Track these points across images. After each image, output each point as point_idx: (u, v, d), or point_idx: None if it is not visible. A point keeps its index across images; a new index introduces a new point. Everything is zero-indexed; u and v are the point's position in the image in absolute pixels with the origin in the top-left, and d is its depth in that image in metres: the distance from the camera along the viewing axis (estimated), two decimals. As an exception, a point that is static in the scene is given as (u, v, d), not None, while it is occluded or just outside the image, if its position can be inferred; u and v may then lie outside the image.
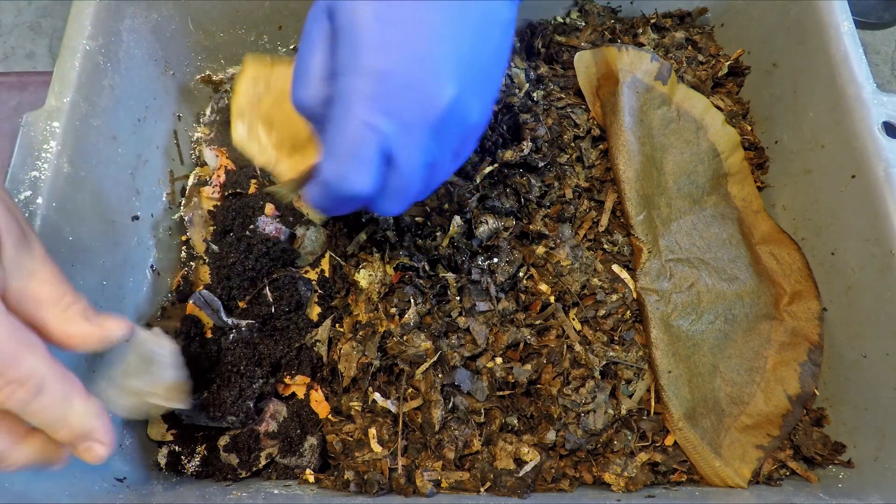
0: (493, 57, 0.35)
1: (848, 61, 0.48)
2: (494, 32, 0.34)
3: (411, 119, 0.32)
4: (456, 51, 0.32)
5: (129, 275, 0.50)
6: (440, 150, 0.34)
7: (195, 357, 0.49)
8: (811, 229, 0.52)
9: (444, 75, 0.31)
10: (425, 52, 0.31)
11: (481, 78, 0.34)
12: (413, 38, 0.31)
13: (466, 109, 0.33)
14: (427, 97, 0.31)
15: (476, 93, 0.34)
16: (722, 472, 0.45)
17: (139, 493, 0.44)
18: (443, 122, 0.32)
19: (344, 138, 0.31)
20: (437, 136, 0.33)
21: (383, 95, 0.31)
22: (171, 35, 0.57)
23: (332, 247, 0.54)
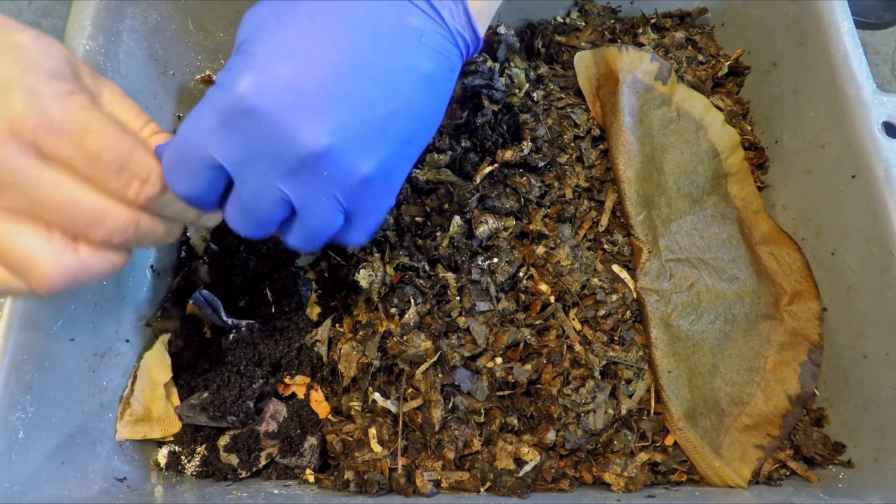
0: (402, 107, 0.31)
1: (848, 61, 0.48)
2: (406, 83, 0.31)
3: (262, 156, 0.29)
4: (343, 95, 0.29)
5: (129, 275, 0.50)
6: (308, 193, 0.31)
7: (195, 357, 0.49)
8: (811, 229, 0.52)
9: (317, 119, 0.28)
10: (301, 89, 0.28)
11: (379, 131, 0.31)
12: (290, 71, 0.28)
13: (352, 161, 0.30)
14: (286, 138, 0.28)
15: (367, 146, 0.30)
16: (722, 472, 0.45)
17: (139, 493, 0.44)
18: (307, 167, 0.29)
19: (180, 140, 0.30)
20: (301, 178, 0.30)
21: (235, 121, 0.28)
22: (171, 35, 0.57)
23: (333, 247, 0.54)
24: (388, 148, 0.31)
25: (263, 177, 0.30)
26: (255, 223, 0.32)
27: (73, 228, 0.29)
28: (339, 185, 0.31)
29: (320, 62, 0.29)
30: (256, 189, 0.30)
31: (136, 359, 0.50)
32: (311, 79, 0.28)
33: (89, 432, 0.44)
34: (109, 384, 0.47)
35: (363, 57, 0.29)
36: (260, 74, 0.28)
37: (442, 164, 0.52)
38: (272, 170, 0.30)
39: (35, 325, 0.40)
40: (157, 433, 0.48)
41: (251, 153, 0.29)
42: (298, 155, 0.29)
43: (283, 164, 0.29)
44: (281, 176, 0.30)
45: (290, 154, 0.29)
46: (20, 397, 0.39)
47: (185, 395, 0.49)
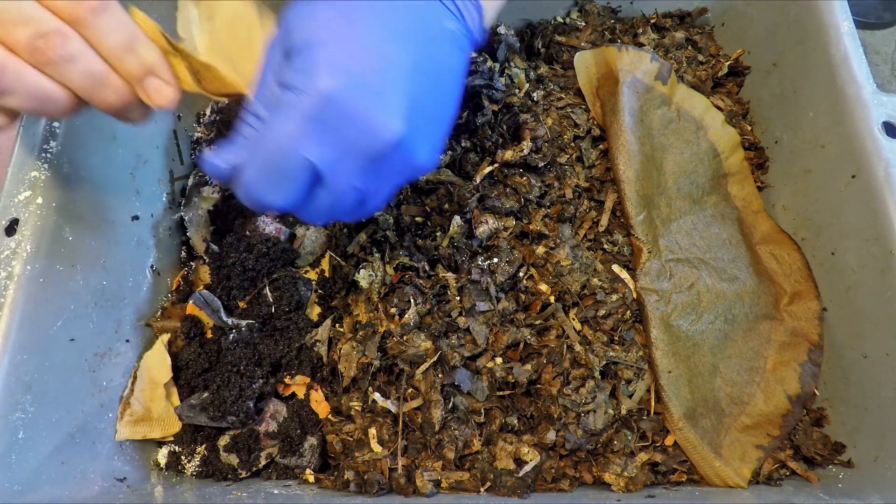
0: (444, 104, 0.34)
1: (848, 61, 0.48)
2: (447, 80, 0.34)
3: (349, 148, 0.31)
4: (411, 89, 0.31)
5: (129, 275, 0.50)
6: (377, 182, 0.33)
7: (195, 357, 0.49)
8: (811, 229, 0.52)
9: (393, 111, 0.31)
10: (378, 84, 0.30)
11: (431, 122, 0.34)
12: (367, 69, 0.30)
13: (414, 151, 0.32)
14: (371, 131, 0.30)
15: (425, 136, 0.33)
16: (722, 472, 0.45)
17: (139, 493, 0.44)
18: (385, 158, 0.32)
19: (273, 149, 0.30)
20: (376, 169, 0.32)
21: (325, 119, 0.30)
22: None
23: (332, 247, 0.54)
24: (437, 135, 0.34)
25: (349, 171, 0.32)
26: (339, 214, 0.35)
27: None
28: (402, 174, 0.34)
29: (393, 63, 0.31)
30: (343, 184, 0.32)
31: (136, 359, 0.50)
32: (386, 76, 0.31)
33: (89, 432, 0.44)
34: (109, 384, 0.47)
35: (419, 56, 0.32)
36: (344, 73, 0.30)
37: (442, 164, 0.52)
38: (357, 163, 0.31)
39: (35, 325, 0.40)
40: (157, 433, 0.48)
41: (341, 148, 0.31)
42: (381, 146, 0.31)
43: (366, 156, 0.31)
44: (362, 168, 0.32)
45: (374, 145, 0.31)
46: (20, 397, 0.39)
47: (185, 395, 0.49)
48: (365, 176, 0.32)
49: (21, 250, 0.40)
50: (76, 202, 0.45)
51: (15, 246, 0.41)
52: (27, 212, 0.41)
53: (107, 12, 0.30)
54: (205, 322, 0.51)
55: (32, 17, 0.28)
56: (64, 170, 0.44)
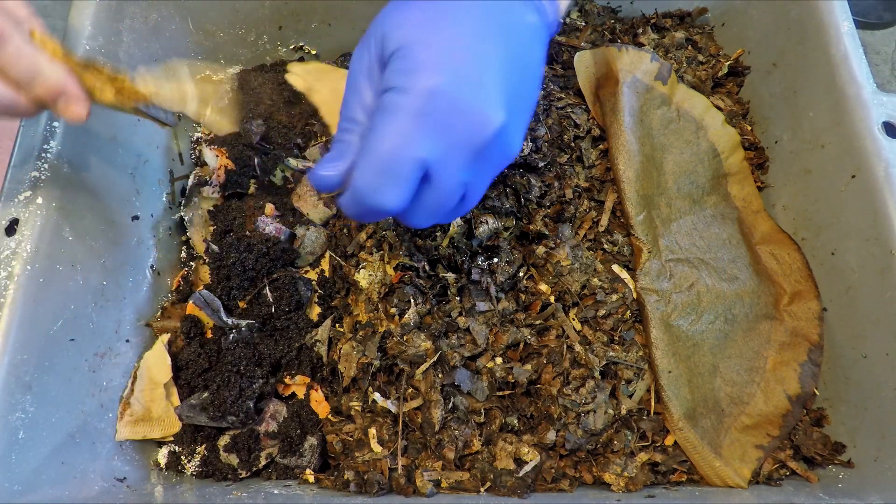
0: (531, 92, 0.36)
1: (848, 61, 0.48)
2: (532, 70, 0.35)
3: (457, 141, 0.31)
4: (506, 80, 0.32)
5: (129, 275, 0.50)
6: (478, 175, 0.34)
7: (195, 357, 0.49)
8: (811, 229, 0.52)
9: (495, 101, 0.31)
10: (479, 77, 0.31)
11: (524, 110, 0.35)
12: (467, 64, 0.31)
13: (511, 138, 0.33)
14: (477, 121, 0.31)
15: (519, 123, 0.34)
16: (722, 472, 0.45)
17: (139, 493, 0.44)
18: (488, 148, 0.32)
19: (383, 151, 0.31)
20: (479, 161, 0.33)
21: (433, 114, 0.30)
22: (171, 35, 0.57)
23: (332, 247, 0.54)
24: (526, 122, 0.36)
25: (458, 164, 0.32)
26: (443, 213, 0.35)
27: None
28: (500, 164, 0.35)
29: (489, 57, 0.32)
30: (451, 180, 0.33)
31: (136, 359, 0.50)
32: (484, 69, 0.31)
33: (89, 432, 0.44)
34: (109, 384, 0.47)
35: (509, 49, 0.33)
36: (445, 68, 0.31)
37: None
38: (465, 155, 0.32)
39: (35, 325, 0.40)
40: (157, 433, 0.48)
41: (450, 142, 0.31)
42: (487, 135, 0.31)
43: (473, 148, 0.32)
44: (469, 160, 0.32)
45: (481, 135, 0.31)
46: (20, 397, 0.39)
47: (185, 395, 0.49)
48: (471, 168, 0.33)
49: (21, 250, 0.40)
50: (76, 202, 0.45)
51: (15, 246, 0.41)
52: (27, 212, 0.41)
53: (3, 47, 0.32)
54: (205, 322, 0.51)
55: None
56: (64, 170, 0.44)
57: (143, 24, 0.54)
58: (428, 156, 0.31)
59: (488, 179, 0.35)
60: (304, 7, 0.59)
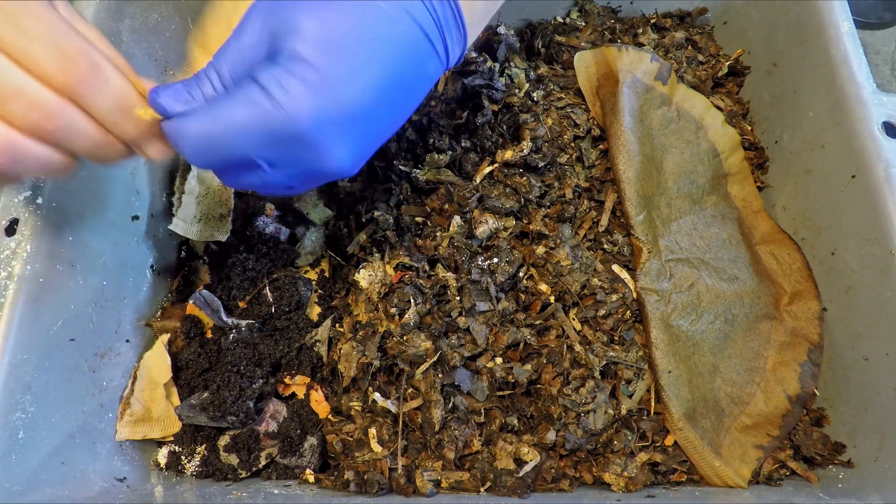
0: (391, 131, 0.36)
1: (848, 61, 0.48)
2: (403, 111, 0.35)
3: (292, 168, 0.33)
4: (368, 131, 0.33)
5: (129, 275, 0.50)
6: (304, 184, 0.35)
7: (195, 357, 0.49)
8: (811, 229, 0.52)
9: (346, 152, 0.32)
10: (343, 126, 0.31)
11: (372, 147, 0.35)
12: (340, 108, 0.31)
13: (348, 171, 0.34)
14: (320, 160, 0.32)
15: (362, 158, 0.34)
16: (722, 472, 0.45)
17: (139, 493, 0.44)
18: (321, 176, 0.34)
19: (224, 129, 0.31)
20: (308, 180, 0.34)
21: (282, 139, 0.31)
22: (171, 35, 0.57)
23: (332, 247, 0.54)
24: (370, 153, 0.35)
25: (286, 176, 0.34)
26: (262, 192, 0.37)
27: None
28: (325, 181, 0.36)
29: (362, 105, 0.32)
30: (279, 181, 0.34)
31: (136, 359, 0.50)
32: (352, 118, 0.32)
33: (89, 432, 0.44)
34: (109, 384, 0.47)
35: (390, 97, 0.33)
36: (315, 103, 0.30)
37: (442, 164, 0.52)
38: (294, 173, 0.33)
39: (35, 325, 0.40)
40: (157, 433, 0.48)
41: (285, 164, 0.33)
42: (324, 173, 0.33)
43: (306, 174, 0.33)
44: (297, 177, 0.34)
45: (317, 170, 0.33)
46: (20, 397, 0.39)
47: (185, 395, 0.49)
48: (298, 181, 0.34)
49: (21, 250, 0.40)
50: (76, 202, 0.45)
51: (15, 246, 0.41)
52: (27, 212, 0.41)
53: (98, 79, 0.30)
54: (205, 322, 0.51)
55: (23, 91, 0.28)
56: (64, 170, 0.44)
57: (143, 24, 0.54)
58: (255, 158, 0.32)
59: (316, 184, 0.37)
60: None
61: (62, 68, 0.29)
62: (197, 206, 0.54)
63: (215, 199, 0.55)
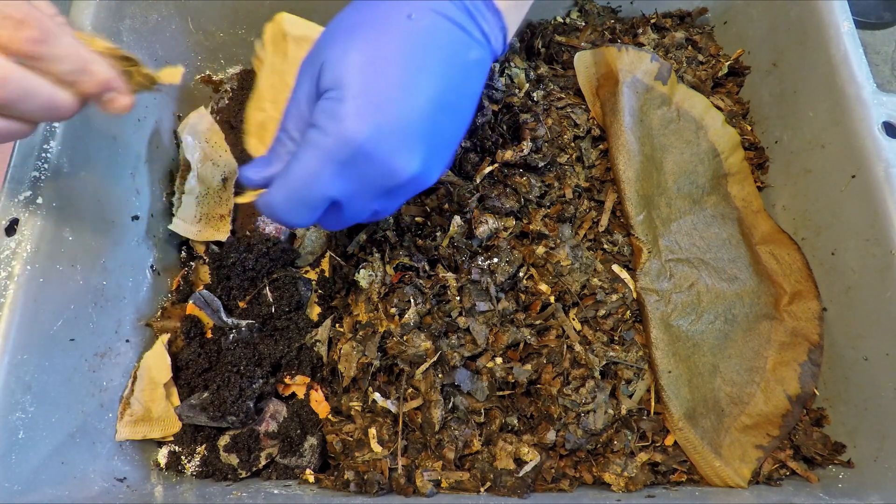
0: (460, 129, 0.37)
1: (848, 61, 0.48)
2: (466, 106, 0.36)
3: (367, 185, 0.34)
4: (430, 131, 0.34)
5: (129, 275, 0.50)
6: (388, 203, 0.37)
7: (195, 357, 0.49)
8: (811, 229, 0.52)
9: (412, 155, 0.33)
10: (401, 132, 0.32)
11: (446, 147, 0.36)
12: (392, 120, 0.32)
13: (426, 177, 0.35)
14: (390, 172, 0.33)
15: (437, 161, 0.36)
16: (722, 472, 0.45)
17: (139, 493, 0.44)
18: (399, 188, 0.35)
19: (296, 183, 0.33)
20: (390, 196, 0.35)
21: (346, 162, 0.32)
22: (171, 35, 0.57)
23: (332, 247, 0.54)
24: (448, 157, 0.37)
25: (367, 201, 0.35)
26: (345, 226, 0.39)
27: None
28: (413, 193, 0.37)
29: (417, 110, 0.33)
30: (359, 209, 0.36)
31: (136, 359, 0.50)
32: (409, 125, 0.33)
33: (89, 432, 0.44)
34: (109, 384, 0.47)
35: (445, 94, 0.34)
36: (369, 123, 0.32)
37: (442, 164, 0.52)
38: (374, 194, 0.35)
39: (35, 325, 0.40)
40: (157, 433, 0.48)
41: (361, 187, 0.34)
42: (398, 182, 0.34)
43: (383, 190, 0.34)
44: (378, 197, 0.35)
45: (392, 182, 0.34)
46: (20, 397, 0.39)
47: (185, 395, 0.49)
48: (380, 200, 0.36)
49: (21, 250, 0.40)
50: (76, 202, 0.45)
51: (15, 246, 0.41)
52: (27, 212, 0.41)
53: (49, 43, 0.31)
54: (205, 322, 0.51)
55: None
56: (64, 170, 0.44)
57: (143, 24, 0.54)
58: (337, 195, 0.34)
59: (400, 203, 0.38)
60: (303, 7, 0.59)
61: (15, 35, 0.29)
62: (197, 205, 0.54)
63: (215, 199, 0.55)
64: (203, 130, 0.57)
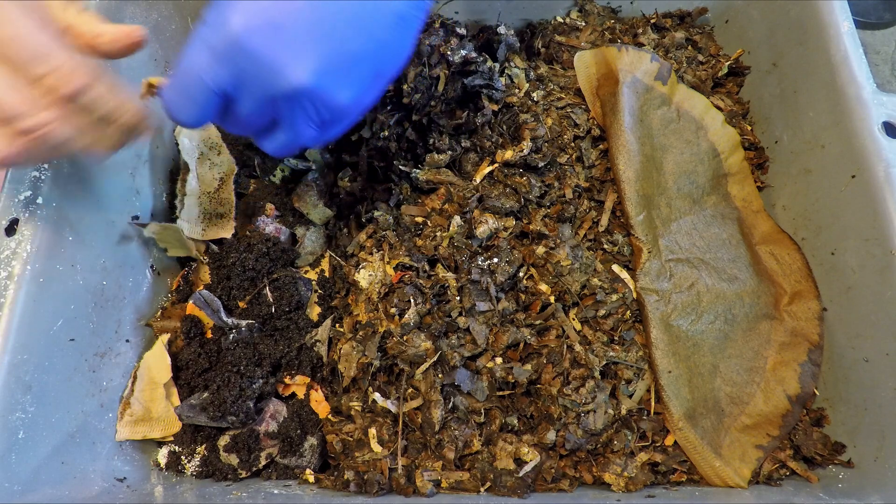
0: (378, 50, 0.35)
1: (848, 61, 0.48)
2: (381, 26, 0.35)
3: (249, 85, 0.33)
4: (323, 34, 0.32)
5: (129, 275, 0.50)
6: (286, 117, 0.35)
7: (195, 357, 0.49)
8: (811, 229, 0.52)
9: (297, 56, 0.32)
10: (283, 25, 0.32)
11: (356, 66, 0.34)
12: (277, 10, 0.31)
13: (329, 93, 0.34)
14: (270, 71, 0.32)
15: (346, 80, 0.34)
16: (722, 472, 0.45)
17: (139, 493, 0.44)
18: (291, 98, 0.33)
19: (184, 76, 0.33)
20: (284, 105, 0.34)
21: (225, 53, 0.32)
22: (171, 35, 0.57)
23: (332, 247, 0.54)
24: (361, 82, 0.35)
25: (255, 101, 0.34)
26: (245, 132, 0.38)
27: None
28: (317, 112, 0.35)
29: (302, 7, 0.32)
30: (250, 109, 0.35)
31: (136, 359, 0.50)
32: (294, 20, 0.32)
33: (89, 432, 0.44)
34: (109, 384, 0.47)
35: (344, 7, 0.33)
36: (247, 14, 0.31)
37: (442, 164, 0.52)
38: (262, 96, 0.34)
39: (35, 325, 0.40)
40: (157, 433, 0.48)
41: (243, 82, 0.33)
42: (284, 89, 0.33)
43: (270, 94, 0.33)
44: (269, 101, 0.34)
45: (277, 87, 0.33)
46: (20, 397, 0.39)
47: (185, 395, 0.49)
48: (269, 107, 0.35)
49: (21, 250, 0.40)
50: (76, 202, 0.45)
51: (15, 246, 0.41)
52: (27, 212, 0.41)
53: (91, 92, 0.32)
54: (205, 322, 0.51)
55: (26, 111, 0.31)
56: (64, 170, 0.44)
57: (144, 24, 0.54)
58: (219, 87, 0.33)
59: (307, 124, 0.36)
60: (304, 7, 0.59)
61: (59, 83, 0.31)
62: (199, 206, 0.54)
63: (216, 199, 0.55)
64: (199, 131, 0.57)
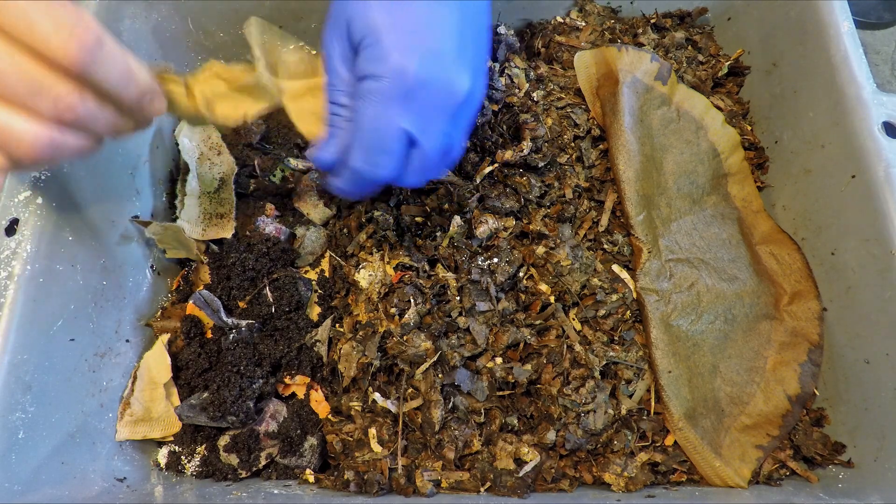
0: (484, 40, 0.39)
1: (848, 61, 0.48)
2: (482, 21, 0.39)
3: (433, 110, 0.36)
4: (464, 44, 0.36)
5: (129, 275, 0.50)
6: (456, 131, 0.38)
7: (195, 357, 0.49)
8: (811, 229, 0.52)
9: (460, 70, 0.36)
10: (443, 52, 0.35)
11: (480, 61, 0.39)
12: (429, 39, 0.35)
13: (476, 93, 0.38)
14: (448, 91, 0.36)
15: (479, 75, 0.38)
16: (722, 472, 0.45)
17: (139, 493, 0.44)
18: (461, 108, 0.37)
19: (371, 130, 0.35)
20: (455, 119, 0.37)
21: (407, 94, 0.35)
22: (171, 35, 0.57)
23: (332, 247, 0.54)
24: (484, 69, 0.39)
25: (438, 128, 0.37)
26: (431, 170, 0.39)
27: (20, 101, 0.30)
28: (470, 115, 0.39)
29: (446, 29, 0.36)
30: (435, 138, 0.37)
31: (136, 359, 0.50)
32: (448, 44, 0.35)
33: (89, 432, 0.44)
34: (109, 384, 0.47)
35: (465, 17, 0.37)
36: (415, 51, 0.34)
37: (442, 164, 0.52)
38: (443, 119, 0.37)
39: (35, 325, 0.40)
40: (157, 433, 0.48)
41: (429, 113, 0.36)
42: (459, 100, 0.36)
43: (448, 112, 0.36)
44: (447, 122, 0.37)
45: (454, 101, 0.36)
46: (20, 397, 0.39)
47: (185, 395, 0.49)
48: (449, 127, 0.37)
49: (21, 250, 0.40)
50: (76, 202, 0.45)
51: (15, 246, 0.41)
52: (27, 212, 0.41)
53: (102, 50, 0.31)
54: (205, 322, 0.51)
55: (43, 85, 0.30)
56: (64, 170, 0.44)
57: (144, 23, 0.54)
58: (410, 127, 0.35)
59: (466, 131, 0.39)
60: (304, 7, 0.59)
61: (68, 43, 0.29)
62: (199, 206, 0.54)
63: (216, 199, 0.55)
64: (199, 131, 0.57)
